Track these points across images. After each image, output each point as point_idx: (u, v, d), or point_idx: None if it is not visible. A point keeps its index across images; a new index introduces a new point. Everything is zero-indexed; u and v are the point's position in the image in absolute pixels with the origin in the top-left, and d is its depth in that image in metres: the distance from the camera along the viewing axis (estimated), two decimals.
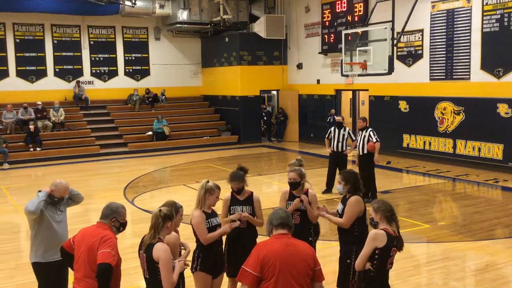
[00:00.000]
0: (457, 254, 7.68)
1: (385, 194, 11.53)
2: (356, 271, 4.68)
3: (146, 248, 4.07)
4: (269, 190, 12.61)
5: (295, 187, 5.50)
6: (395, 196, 11.41)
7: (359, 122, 11.09)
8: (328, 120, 18.52)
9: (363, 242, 4.94)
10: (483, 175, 13.32)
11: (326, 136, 11.59)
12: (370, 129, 10.82)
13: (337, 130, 11.26)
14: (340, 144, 11.26)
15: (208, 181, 5.04)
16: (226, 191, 5.53)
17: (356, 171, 5.58)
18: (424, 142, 15.78)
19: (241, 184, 5.35)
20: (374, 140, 10.61)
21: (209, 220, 4.97)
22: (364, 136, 10.72)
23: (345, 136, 11.25)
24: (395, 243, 4.27)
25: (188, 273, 4.81)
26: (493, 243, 8.18)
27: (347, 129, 11.35)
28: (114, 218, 4.30)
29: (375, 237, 4.21)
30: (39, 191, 5.25)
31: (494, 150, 13.80)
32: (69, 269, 4.66)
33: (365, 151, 10.71)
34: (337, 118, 11.76)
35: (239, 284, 5.01)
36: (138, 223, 9.28)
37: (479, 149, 14.17)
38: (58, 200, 5.26)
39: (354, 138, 11.50)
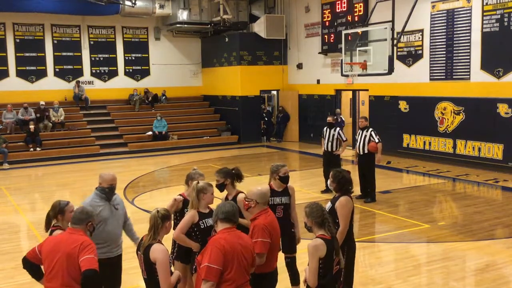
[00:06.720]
0: (457, 254, 7.68)
1: (385, 194, 11.54)
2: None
3: (144, 249, 4.06)
4: None
5: (288, 181, 5.76)
6: (395, 196, 11.42)
7: (361, 121, 11.08)
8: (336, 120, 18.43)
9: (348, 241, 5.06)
10: (483, 175, 13.31)
11: (321, 136, 11.68)
12: (371, 129, 10.76)
13: (328, 130, 11.37)
14: (330, 144, 11.36)
15: (198, 182, 4.95)
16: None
17: (352, 171, 5.57)
18: (424, 142, 15.77)
19: (221, 180, 5.34)
20: (376, 141, 10.59)
21: (204, 220, 4.91)
22: (365, 136, 10.68)
23: (335, 136, 11.34)
24: (334, 246, 4.17)
25: None
26: (493, 243, 8.18)
27: (337, 129, 11.43)
28: (90, 222, 4.20)
29: (316, 248, 4.09)
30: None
31: (494, 150, 13.80)
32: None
33: (366, 151, 10.70)
34: (328, 119, 11.73)
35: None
36: (138, 223, 9.21)
37: (479, 149, 14.16)
38: (109, 192, 5.11)
39: (344, 139, 11.57)
